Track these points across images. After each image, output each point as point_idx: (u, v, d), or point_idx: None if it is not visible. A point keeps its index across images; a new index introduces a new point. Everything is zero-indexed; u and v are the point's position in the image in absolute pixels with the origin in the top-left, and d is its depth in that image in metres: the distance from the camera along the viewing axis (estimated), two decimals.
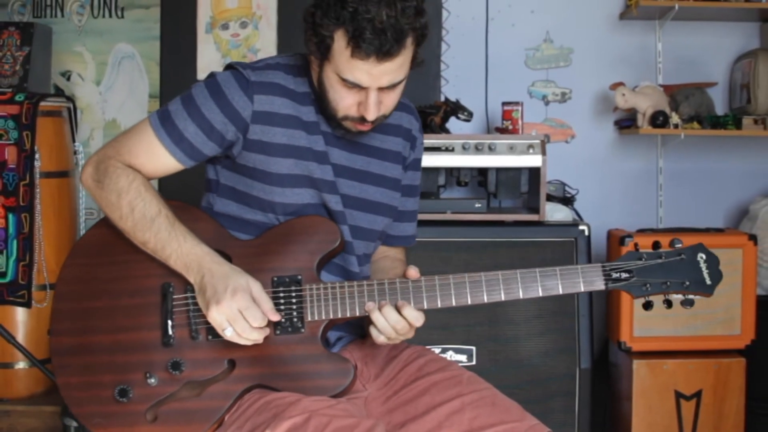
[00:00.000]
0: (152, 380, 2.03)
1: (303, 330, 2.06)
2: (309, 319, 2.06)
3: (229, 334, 1.97)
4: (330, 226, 2.12)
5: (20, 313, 3.72)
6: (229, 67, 2.16)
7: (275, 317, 2.01)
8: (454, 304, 2.06)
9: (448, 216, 3.60)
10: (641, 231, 3.75)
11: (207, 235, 2.09)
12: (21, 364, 3.75)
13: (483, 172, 3.70)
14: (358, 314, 2.07)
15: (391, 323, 2.02)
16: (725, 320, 3.62)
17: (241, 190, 2.16)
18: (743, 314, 3.62)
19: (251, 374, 2.05)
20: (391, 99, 2.11)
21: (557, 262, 3.48)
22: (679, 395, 3.60)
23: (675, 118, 4.03)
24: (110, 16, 4.42)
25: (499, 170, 3.66)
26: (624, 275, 2.00)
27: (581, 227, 3.53)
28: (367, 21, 1.93)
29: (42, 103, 3.75)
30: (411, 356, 2.21)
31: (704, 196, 4.37)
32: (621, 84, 4.06)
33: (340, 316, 2.06)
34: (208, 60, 4.36)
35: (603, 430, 3.96)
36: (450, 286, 2.07)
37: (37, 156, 3.69)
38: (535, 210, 3.60)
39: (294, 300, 2.06)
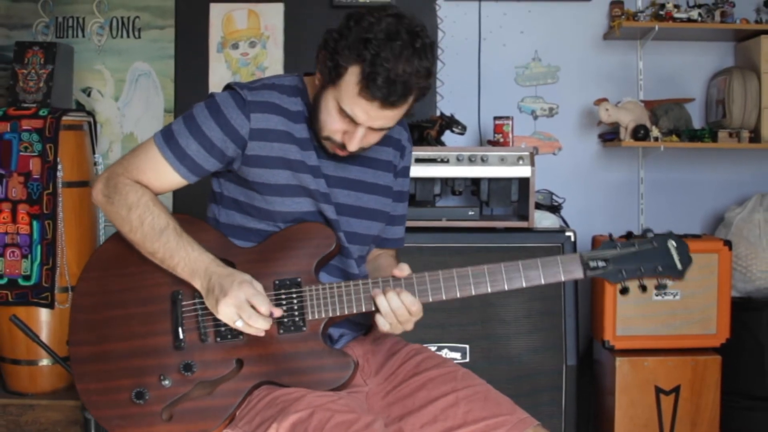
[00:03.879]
0: (166, 382, 2.05)
1: (305, 328, 2.07)
2: (310, 318, 2.07)
3: (239, 325, 2.00)
4: (326, 231, 2.14)
5: (44, 314, 3.72)
6: (228, 87, 2.18)
7: (277, 312, 2.03)
8: (444, 297, 2.07)
9: (444, 223, 3.61)
10: (623, 237, 3.76)
11: (211, 244, 2.11)
12: (44, 362, 3.75)
13: (476, 182, 3.71)
14: (355, 311, 2.08)
15: (393, 307, 2.03)
16: (702, 320, 3.63)
17: (243, 201, 2.17)
18: (719, 315, 3.63)
19: (258, 372, 2.07)
20: (375, 138, 2.13)
21: None
22: (659, 390, 3.60)
23: (655, 132, 4.04)
24: (128, 36, 4.43)
25: (491, 180, 3.66)
26: (601, 264, 2.01)
27: (567, 233, 3.54)
28: (384, 69, 1.94)
29: (64, 118, 3.75)
30: (409, 353, 2.22)
31: (682, 204, 4.37)
32: (605, 100, 4.07)
33: (338, 314, 2.08)
34: (219, 77, 4.38)
35: (588, 423, 3.95)
36: (440, 281, 2.08)
37: (59, 167, 3.69)
38: (525, 217, 3.61)
39: (295, 301, 2.08)
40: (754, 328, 3.73)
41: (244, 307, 1.99)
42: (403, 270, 2.08)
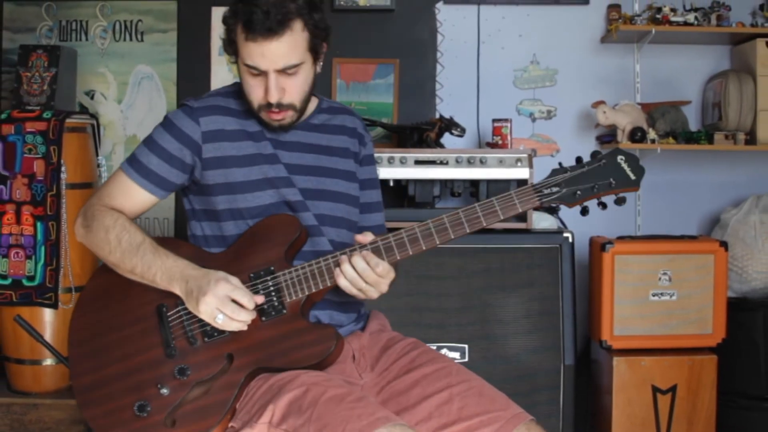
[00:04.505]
0: (164, 390, 2.10)
1: (285, 311, 2.13)
2: (288, 300, 2.14)
3: (221, 321, 2.06)
4: (288, 218, 2.21)
5: (48, 314, 3.72)
6: (180, 104, 2.30)
7: (259, 299, 2.10)
8: (410, 252, 2.11)
9: None
10: (621, 238, 3.77)
11: (186, 256, 2.17)
12: (48, 361, 3.75)
13: (475, 183, 3.71)
14: (329, 284, 2.13)
15: (359, 270, 2.07)
16: (698, 320, 3.64)
17: (211, 209, 2.26)
18: (715, 315, 3.63)
19: (249, 361, 2.11)
20: (294, 85, 2.19)
21: (543, 266, 3.51)
22: (655, 389, 3.61)
23: (652, 134, 4.05)
24: (131, 39, 4.43)
25: (490, 182, 3.66)
26: (555, 189, 2.04)
27: (565, 234, 3.55)
28: (255, 6, 2.08)
29: (68, 120, 3.75)
30: (405, 348, 2.24)
31: (679, 205, 4.38)
32: (602, 102, 4.08)
33: (314, 290, 2.14)
34: (221, 80, 4.39)
35: (585, 422, 3.96)
36: (403, 237, 2.11)
37: (63, 169, 3.69)
38: (523, 219, 3.61)
39: (272, 288, 2.14)
40: (750, 328, 3.74)
41: (224, 303, 2.05)
42: (367, 236, 2.13)
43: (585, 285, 3.98)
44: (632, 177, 2.05)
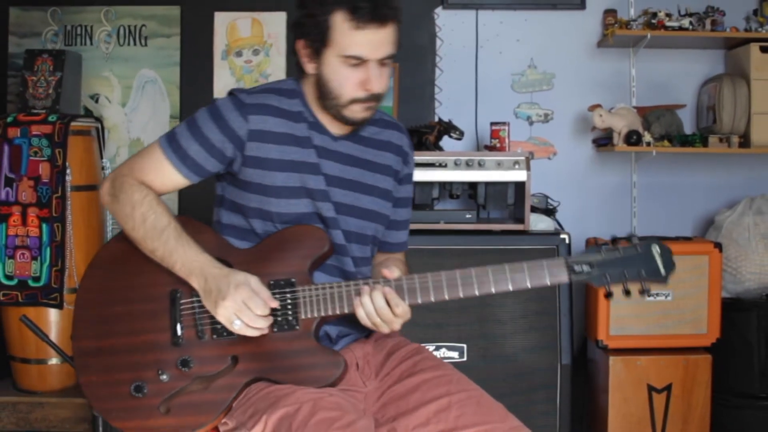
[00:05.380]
0: (164, 377, 2.07)
1: (298, 327, 2.08)
2: (303, 317, 2.08)
3: (237, 327, 2.02)
4: (319, 233, 2.14)
5: (53, 314, 3.73)
6: (229, 93, 2.21)
7: (274, 303, 2.04)
8: (432, 299, 2.07)
9: (442, 226, 3.62)
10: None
11: (210, 245, 2.13)
12: (54, 361, 3.76)
13: (473, 185, 3.71)
14: (346, 311, 2.09)
15: (377, 306, 2.04)
16: (693, 320, 3.64)
17: (242, 203, 2.19)
18: (709, 315, 3.63)
19: (252, 368, 2.08)
20: (386, 77, 2.16)
21: None
22: (651, 388, 3.61)
23: (647, 137, 4.05)
24: (135, 44, 4.44)
25: (488, 184, 3.67)
26: (586, 268, 1.98)
27: (562, 236, 3.55)
28: None
29: (73, 123, 3.76)
30: (408, 353, 2.22)
31: (674, 207, 4.38)
32: (598, 106, 4.08)
33: (330, 313, 2.09)
34: (224, 84, 4.40)
35: (582, 420, 3.96)
36: (428, 282, 2.08)
37: (68, 171, 3.70)
38: (521, 220, 3.61)
39: (289, 300, 2.09)
40: (744, 327, 3.74)
41: (242, 310, 2.01)
42: (393, 272, 2.09)
43: (581, 285, 3.98)
44: (662, 272, 2.00)
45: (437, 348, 3.44)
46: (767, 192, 4.14)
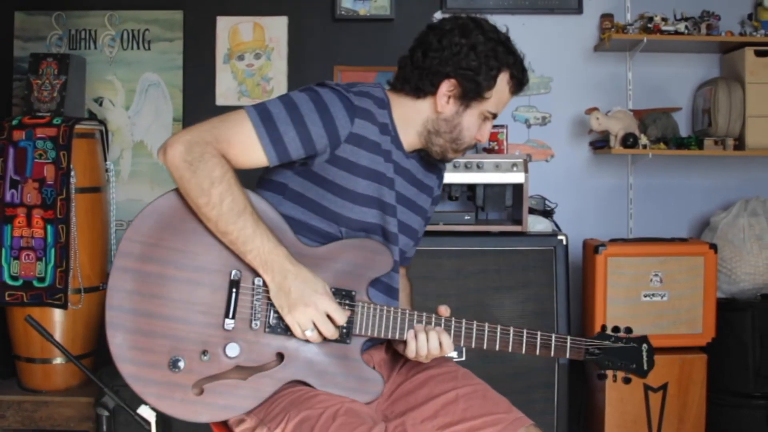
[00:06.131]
0: (206, 357, 1.96)
1: (348, 341, 2.05)
2: (356, 332, 2.05)
3: (309, 334, 1.97)
4: (386, 254, 2.10)
5: (57, 314, 3.74)
6: (325, 85, 2.10)
7: (347, 314, 2.03)
8: (473, 346, 2.12)
9: (441, 227, 3.63)
10: (613, 240, 3.78)
11: (282, 236, 2.02)
12: (58, 360, 3.77)
13: (472, 187, 3.72)
14: (397, 337, 2.08)
15: (430, 347, 2.06)
16: (688, 320, 3.65)
17: (310, 197, 2.09)
18: (705, 315, 3.64)
19: (295, 371, 2.02)
20: None
21: (538, 268, 3.52)
22: (647, 387, 3.62)
23: (643, 140, 4.06)
24: (138, 48, 4.44)
25: (486, 186, 3.68)
26: (597, 351, 2.19)
27: (560, 237, 3.56)
28: (522, 63, 2.20)
29: (77, 126, 3.77)
30: None
31: (670, 209, 4.39)
32: (595, 109, 4.08)
33: (381, 335, 2.07)
34: (226, 87, 4.40)
35: (579, 419, 3.97)
36: (473, 331, 2.12)
37: (72, 173, 3.71)
38: (519, 222, 3.62)
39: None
40: (739, 327, 3.75)
41: (322, 318, 1.97)
42: (446, 310, 2.14)
43: (578, 286, 3.99)
44: (645, 367, 2.22)
45: None
46: (762, 194, 4.15)
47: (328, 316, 1.98)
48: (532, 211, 3.81)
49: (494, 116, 2.21)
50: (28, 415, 3.74)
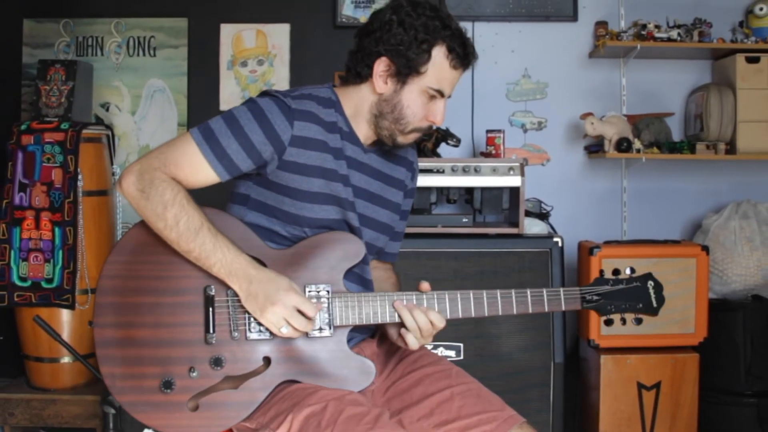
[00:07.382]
0: (194, 374, 1.99)
1: (331, 334, 2.04)
2: (337, 323, 2.05)
3: (285, 332, 1.98)
4: (355, 242, 2.11)
5: (65, 315, 3.73)
6: (266, 93, 2.11)
7: (319, 308, 2.02)
8: (460, 315, 2.08)
9: (439, 229, 3.62)
10: (608, 242, 3.78)
11: (244, 243, 2.04)
12: (66, 359, 3.77)
13: (469, 191, 3.71)
14: (380, 321, 2.07)
15: (419, 324, 2.03)
16: (681, 320, 3.64)
17: (271, 204, 2.11)
18: (697, 315, 3.63)
19: (284, 371, 2.03)
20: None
21: (535, 269, 3.52)
22: (641, 386, 3.62)
23: (637, 144, 4.06)
24: (144, 54, 4.45)
25: (484, 189, 3.67)
26: (595, 297, 2.10)
27: (555, 239, 3.55)
28: (463, 36, 2.10)
29: (84, 131, 3.77)
30: (408, 350, 2.21)
31: (663, 212, 4.39)
32: (590, 114, 4.09)
33: (364, 322, 2.06)
34: (230, 93, 4.42)
35: (574, 417, 3.97)
36: (457, 300, 2.08)
37: (79, 177, 3.71)
38: (515, 224, 3.62)
39: (324, 307, 2.05)
40: (730, 327, 3.75)
41: (293, 314, 1.97)
42: (427, 287, 2.10)
43: (573, 285, 3.98)
44: (654, 305, 2.16)
45: (435, 347, 3.44)
46: (752, 197, 4.15)
47: (299, 311, 1.98)
48: (528, 213, 3.81)
49: (441, 94, 2.13)
50: (36, 413, 3.75)
